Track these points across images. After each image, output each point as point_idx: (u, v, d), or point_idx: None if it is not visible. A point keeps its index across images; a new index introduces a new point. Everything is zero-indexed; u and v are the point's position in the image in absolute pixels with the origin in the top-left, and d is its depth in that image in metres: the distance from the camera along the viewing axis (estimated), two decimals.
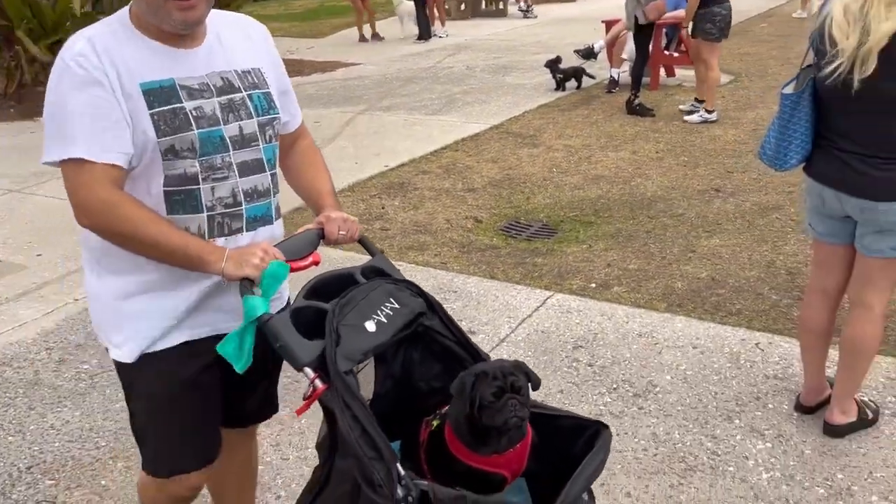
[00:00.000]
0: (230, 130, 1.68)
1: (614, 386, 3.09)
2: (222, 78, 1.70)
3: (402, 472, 1.49)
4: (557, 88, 8.76)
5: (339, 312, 1.58)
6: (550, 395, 3.04)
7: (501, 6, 17.41)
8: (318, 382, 1.53)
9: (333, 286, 1.70)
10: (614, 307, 3.74)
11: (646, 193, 5.33)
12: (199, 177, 1.65)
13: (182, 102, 1.62)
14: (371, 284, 1.69)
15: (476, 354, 1.79)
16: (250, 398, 1.99)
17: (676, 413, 2.90)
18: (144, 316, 1.71)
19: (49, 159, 1.59)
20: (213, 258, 1.60)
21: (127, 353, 1.73)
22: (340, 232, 1.77)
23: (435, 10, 14.64)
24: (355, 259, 3.67)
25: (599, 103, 8.13)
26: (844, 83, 2.37)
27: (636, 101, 7.45)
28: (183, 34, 1.64)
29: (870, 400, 2.85)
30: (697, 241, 4.47)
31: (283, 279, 1.61)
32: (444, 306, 1.82)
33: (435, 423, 1.71)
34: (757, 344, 3.34)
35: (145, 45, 1.63)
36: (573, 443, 1.69)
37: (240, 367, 1.60)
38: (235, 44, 1.75)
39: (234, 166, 1.69)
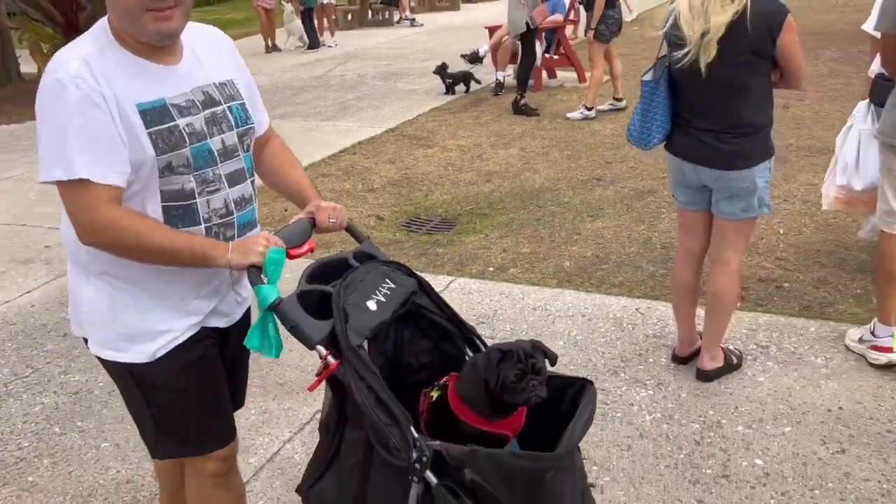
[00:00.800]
0: (216, 143, 1.74)
1: None
2: (203, 92, 1.74)
3: (416, 434, 1.61)
4: (447, 92, 9.10)
5: (343, 293, 1.68)
6: None
7: (387, 16, 17.71)
8: (330, 359, 1.63)
9: (330, 270, 1.80)
10: (511, 286, 4.05)
11: (534, 185, 5.70)
12: (195, 191, 1.70)
13: (175, 120, 1.67)
14: (367, 267, 1.80)
15: (465, 329, 1.94)
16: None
17: (570, 372, 3.20)
18: (152, 318, 1.76)
19: (50, 179, 1.60)
20: (218, 252, 1.67)
21: (139, 355, 1.77)
22: (331, 220, 1.85)
23: (324, 21, 14.80)
24: None
25: (487, 105, 8.52)
26: (693, 69, 2.75)
27: (522, 102, 7.87)
28: (160, 46, 1.67)
29: (734, 348, 3.25)
30: (582, 224, 4.86)
31: (282, 264, 1.69)
32: None
33: (434, 394, 1.81)
34: (637, 309, 3.71)
35: (131, 62, 1.65)
36: (561, 400, 1.80)
37: (274, 354, 1.68)
38: (209, 57, 1.80)
39: (224, 178, 1.76)
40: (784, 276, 3.95)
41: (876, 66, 3.35)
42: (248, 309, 2.01)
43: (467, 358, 1.94)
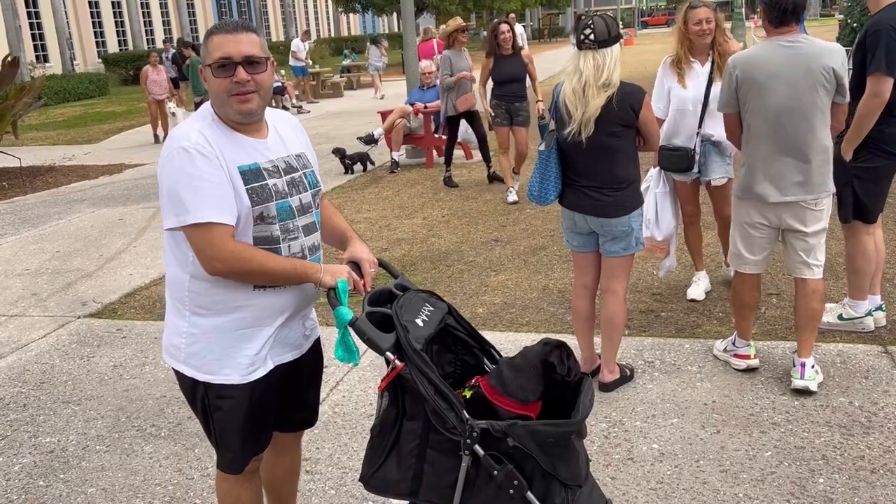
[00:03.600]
0: (295, 201, 2.17)
1: None
2: (285, 161, 2.19)
3: (467, 416, 2.03)
4: (346, 172, 9.75)
5: (400, 313, 2.11)
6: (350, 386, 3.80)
7: (274, 104, 18.33)
8: (397, 362, 2.03)
9: (380, 297, 2.25)
10: None
11: (441, 248, 6.35)
12: (280, 238, 2.13)
13: (266, 180, 2.11)
14: (410, 294, 2.23)
15: (483, 342, 2.39)
16: (301, 409, 2.46)
17: None
18: (243, 347, 2.15)
19: (181, 224, 2.00)
20: (312, 270, 2.12)
21: (228, 378, 2.15)
22: (371, 269, 2.29)
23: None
24: None
25: (386, 182, 9.21)
26: (577, 140, 3.48)
27: (447, 174, 8.60)
28: (245, 123, 2.11)
29: (626, 363, 3.94)
30: (488, 278, 5.52)
31: (346, 293, 2.13)
32: None
33: (467, 393, 2.21)
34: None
35: (231, 135, 2.10)
36: (565, 391, 2.25)
37: (356, 361, 2.14)
38: (287, 134, 2.27)
39: (301, 228, 2.19)
40: (660, 307, 4.73)
41: (662, 139, 4.20)
42: (318, 340, 2.43)
43: (486, 365, 2.39)
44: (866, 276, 4.10)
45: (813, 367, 3.61)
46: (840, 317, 4.20)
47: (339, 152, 9.81)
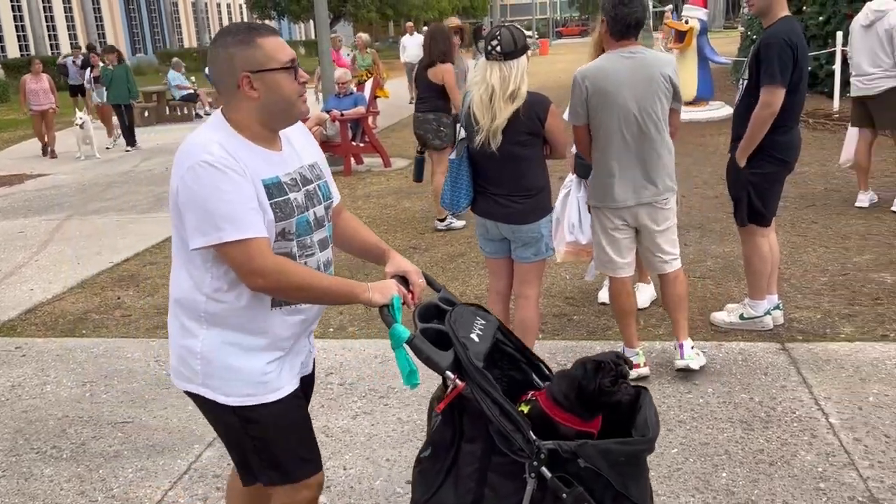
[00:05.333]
0: (311, 216, 2.06)
1: (363, 394, 3.92)
2: (300, 173, 2.06)
3: (534, 436, 1.92)
4: None
5: (455, 329, 2.00)
6: (313, 409, 3.76)
7: (186, 111, 17.87)
8: (457, 381, 1.93)
9: (428, 312, 2.13)
10: (352, 342, 4.59)
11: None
12: (297, 254, 2.02)
13: (288, 194, 1.98)
14: (459, 308, 2.12)
15: (532, 356, 2.30)
16: None
17: (412, 402, 3.79)
18: (262, 366, 2.02)
19: (217, 242, 1.86)
20: (360, 290, 2.00)
21: (259, 397, 2.03)
22: (419, 280, 2.20)
23: (113, 119, 14.11)
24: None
25: None
26: (486, 149, 3.53)
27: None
28: (271, 134, 2.01)
29: None
30: None
31: (400, 309, 2.04)
32: None
33: (524, 408, 2.12)
34: None
35: (250, 147, 1.96)
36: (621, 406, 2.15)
37: (417, 379, 1.97)
38: (300, 143, 2.14)
39: (316, 244, 2.08)
40: (573, 311, 4.84)
41: (575, 146, 4.29)
42: (314, 361, 2.32)
43: (534, 381, 2.30)
44: (763, 277, 4.29)
45: (692, 347, 3.81)
46: (741, 316, 4.38)
47: None
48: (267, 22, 24.69)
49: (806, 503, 2.85)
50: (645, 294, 4.87)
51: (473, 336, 2.04)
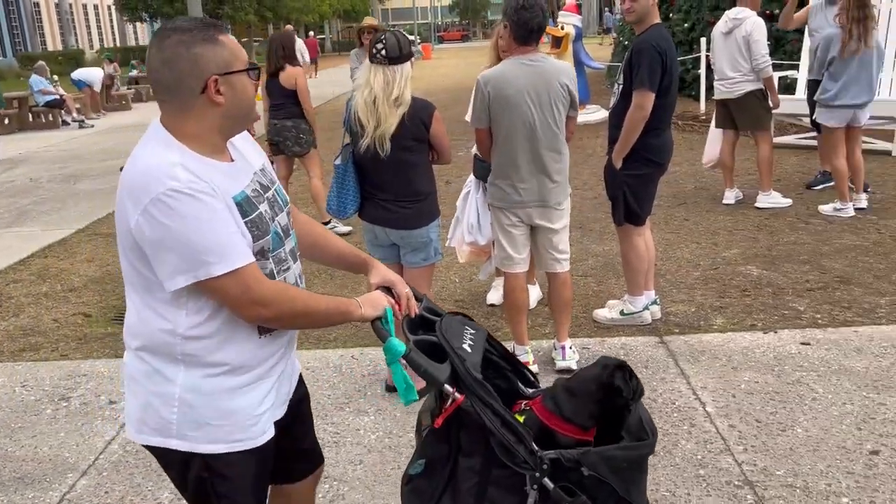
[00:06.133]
0: (277, 226, 1.84)
1: None
2: (257, 181, 1.83)
3: (536, 447, 1.86)
4: None
5: (448, 339, 1.90)
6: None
7: (51, 118, 16.85)
8: (456, 394, 1.85)
9: (414, 323, 2.04)
10: None
11: None
12: (275, 272, 1.81)
13: (258, 207, 1.77)
14: (448, 318, 2.04)
15: (518, 364, 2.24)
16: (301, 456, 2.16)
17: None
18: (248, 405, 1.81)
19: (205, 277, 1.63)
20: (352, 307, 1.86)
21: (240, 444, 1.81)
22: (406, 290, 2.07)
23: None
24: None
25: None
26: (373, 154, 3.50)
27: None
28: (222, 145, 1.78)
29: None
30: None
31: (392, 321, 1.93)
32: (78, 389, 2.12)
33: (519, 418, 2.03)
34: (352, 356, 4.34)
35: (207, 163, 1.71)
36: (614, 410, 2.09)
37: (415, 395, 1.86)
38: (245, 148, 1.90)
39: (289, 255, 1.88)
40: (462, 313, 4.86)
41: (475, 148, 4.38)
42: (301, 377, 2.14)
43: (520, 389, 2.24)
44: (641, 274, 4.47)
45: (571, 347, 4.00)
46: (622, 312, 4.55)
47: None
48: (138, 24, 23.57)
49: (687, 490, 2.97)
50: (532, 295, 4.97)
51: (466, 346, 1.96)
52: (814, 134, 8.00)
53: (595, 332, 4.49)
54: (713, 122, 7.16)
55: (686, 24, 13.22)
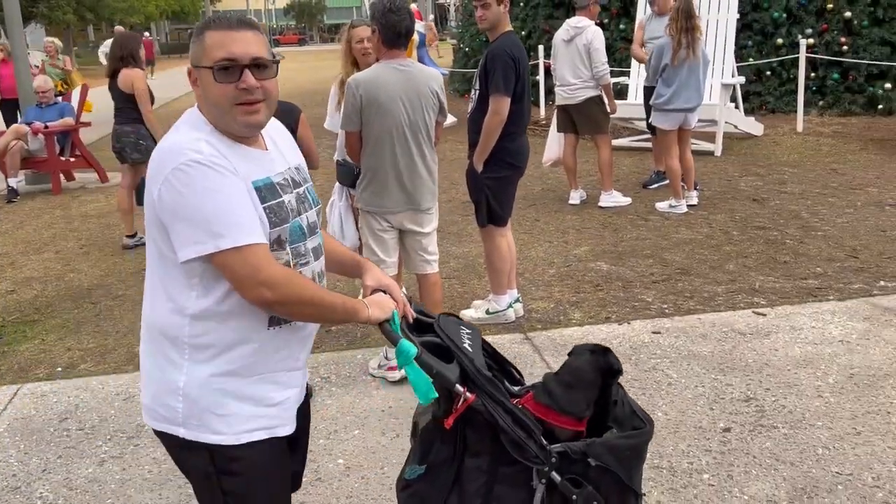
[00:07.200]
0: (303, 221, 1.85)
1: (109, 437, 3.53)
2: (289, 176, 1.86)
3: (545, 441, 1.88)
4: None
5: (451, 340, 1.90)
6: (49, 462, 3.31)
7: None
8: (467, 394, 1.85)
9: (410, 326, 1.99)
10: (87, 380, 4.12)
11: (83, 285, 5.70)
12: (292, 264, 1.81)
13: (282, 196, 1.78)
14: (442, 318, 2.03)
15: (503, 362, 2.22)
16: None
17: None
18: (259, 400, 1.79)
19: (213, 250, 1.62)
20: (360, 308, 1.82)
21: (250, 435, 1.78)
22: (400, 293, 2.03)
23: None
24: None
25: (3, 213, 8.00)
26: None
27: None
28: (248, 136, 1.77)
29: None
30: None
31: (398, 323, 1.90)
32: None
33: None
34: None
35: (234, 146, 1.74)
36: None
37: (434, 393, 1.83)
38: (284, 144, 1.93)
39: (311, 252, 1.88)
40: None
41: (337, 154, 4.34)
42: (305, 392, 2.04)
43: (508, 387, 2.20)
44: (504, 273, 4.60)
45: None
46: (487, 311, 4.66)
47: None
48: None
49: None
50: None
51: (465, 346, 1.98)
52: (646, 136, 8.59)
53: None
54: (553, 125, 7.48)
55: (523, 32, 13.75)
